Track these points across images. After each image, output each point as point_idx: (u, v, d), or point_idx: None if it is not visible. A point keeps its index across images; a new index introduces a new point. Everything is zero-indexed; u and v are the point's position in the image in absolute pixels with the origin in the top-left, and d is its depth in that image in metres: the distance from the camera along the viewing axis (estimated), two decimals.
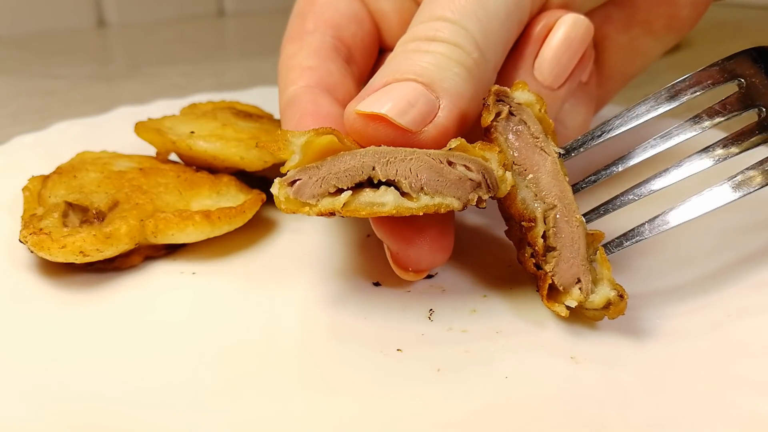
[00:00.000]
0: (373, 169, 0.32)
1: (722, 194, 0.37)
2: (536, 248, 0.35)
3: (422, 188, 0.32)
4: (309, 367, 0.34)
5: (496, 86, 0.36)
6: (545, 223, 0.35)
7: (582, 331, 0.36)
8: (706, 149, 0.38)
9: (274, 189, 0.33)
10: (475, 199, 0.33)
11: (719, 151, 0.38)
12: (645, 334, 0.36)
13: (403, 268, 0.38)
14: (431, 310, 0.38)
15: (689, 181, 0.37)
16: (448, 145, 0.33)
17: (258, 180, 0.50)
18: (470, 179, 0.33)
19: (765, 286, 0.39)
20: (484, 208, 0.34)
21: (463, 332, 0.36)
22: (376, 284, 0.41)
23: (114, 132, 0.60)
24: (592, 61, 0.44)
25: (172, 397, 0.32)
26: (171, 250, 0.44)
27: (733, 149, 0.37)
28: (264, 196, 0.47)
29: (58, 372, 0.34)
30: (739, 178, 0.37)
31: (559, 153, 0.36)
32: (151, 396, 0.32)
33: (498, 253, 0.44)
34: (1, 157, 0.55)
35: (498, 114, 0.35)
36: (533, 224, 0.35)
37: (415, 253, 0.37)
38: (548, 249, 0.35)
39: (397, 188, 0.32)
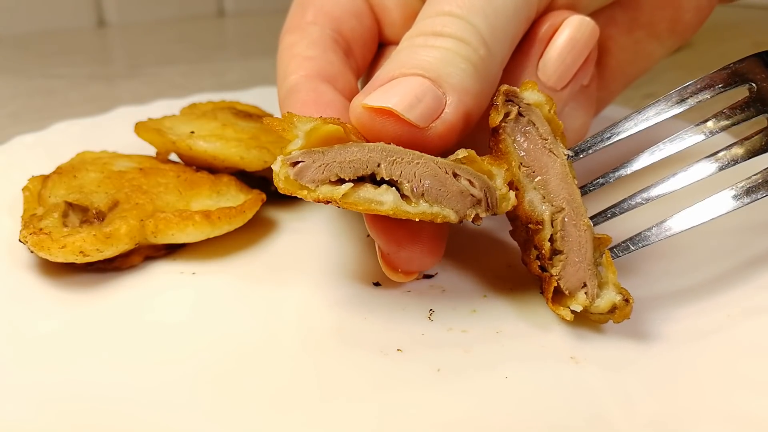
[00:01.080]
0: (379, 165, 0.32)
1: (728, 200, 0.37)
2: (543, 251, 0.35)
3: (423, 195, 0.32)
4: (308, 367, 0.34)
5: (506, 86, 0.35)
6: (553, 226, 0.35)
7: (583, 331, 0.36)
8: (714, 154, 0.38)
9: (276, 166, 0.32)
10: (473, 215, 0.33)
11: (727, 156, 0.37)
12: (648, 335, 0.35)
13: (393, 268, 0.38)
14: (431, 310, 0.38)
15: (697, 186, 0.37)
16: (456, 154, 0.33)
17: (258, 180, 0.50)
18: (472, 195, 0.33)
19: None
20: (479, 225, 0.34)
21: (463, 332, 0.36)
22: (376, 284, 0.40)
23: (114, 132, 0.60)
24: (595, 63, 0.44)
25: (171, 396, 0.32)
26: (171, 250, 0.44)
27: (742, 154, 0.37)
28: (264, 196, 0.47)
29: (58, 372, 0.33)
30: (746, 184, 0.37)
31: (568, 155, 0.36)
32: (151, 396, 0.32)
33: (498, 254, 0.44)
34: (1, 157, 0.55)
35: (507, 114, 0.35)
36: (540, 227, 0.35)
37: (406, 255, 0.37)
38: (555, 252, 0.35)
39: (398, 189, 0.32)
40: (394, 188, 0.32)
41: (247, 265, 0.43)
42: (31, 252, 0.40)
